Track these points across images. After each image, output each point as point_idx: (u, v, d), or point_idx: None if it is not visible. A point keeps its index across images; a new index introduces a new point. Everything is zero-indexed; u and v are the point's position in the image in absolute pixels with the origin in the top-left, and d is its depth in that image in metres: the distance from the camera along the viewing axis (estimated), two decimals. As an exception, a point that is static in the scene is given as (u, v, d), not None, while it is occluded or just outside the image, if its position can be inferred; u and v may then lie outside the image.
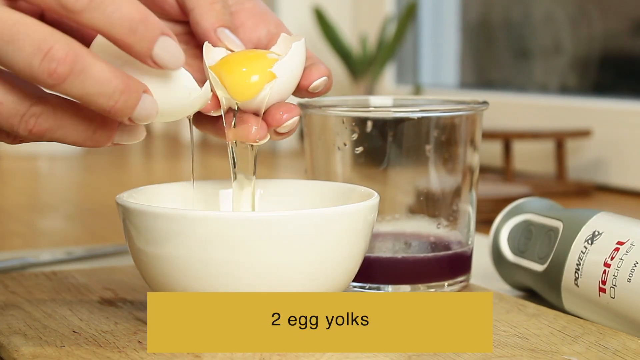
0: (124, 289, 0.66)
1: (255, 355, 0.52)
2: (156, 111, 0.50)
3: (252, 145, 0.58)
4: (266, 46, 0.59)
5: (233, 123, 0.58)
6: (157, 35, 0.49)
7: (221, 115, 0.57)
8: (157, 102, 0.51)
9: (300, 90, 0.59)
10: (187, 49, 0.59)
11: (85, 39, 0.52)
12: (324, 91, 0.60)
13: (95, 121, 0.50)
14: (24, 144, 0.52)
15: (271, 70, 0.56)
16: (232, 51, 0.57)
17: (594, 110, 1.37)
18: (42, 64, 0.47)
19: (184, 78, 0.52)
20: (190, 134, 0.59)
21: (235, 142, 0.58)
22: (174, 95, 0.52)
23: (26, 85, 0.49)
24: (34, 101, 0.49)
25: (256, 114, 0.57)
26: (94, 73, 0.47)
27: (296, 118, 0.58)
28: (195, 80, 0.53)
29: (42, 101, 0.49)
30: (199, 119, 0.59)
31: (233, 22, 0.59)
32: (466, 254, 0.67)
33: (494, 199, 1.04)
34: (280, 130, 0.58)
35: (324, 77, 0.59)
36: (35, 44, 0.47)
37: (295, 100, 0.66)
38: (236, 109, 0.57)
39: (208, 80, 0.55)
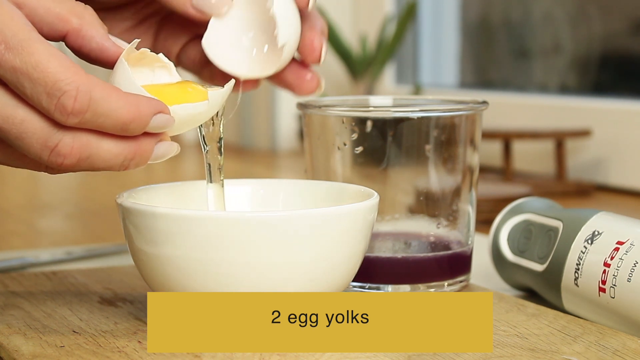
0: (124, 289, 0.66)
1: (255, 355, 0.52)
2: (174, 150, 0.52)
3: (220, 150, 0.59)
4: None
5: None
6: (148, 122, 0.51)
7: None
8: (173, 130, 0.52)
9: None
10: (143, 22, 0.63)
11: None
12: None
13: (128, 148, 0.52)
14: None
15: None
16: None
17: (594, 110, 1.37)
18: (50, 158, 0.50)
19: (191, 107, 0.53)
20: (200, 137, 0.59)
21: (206, 147, 0.58)
22: (187, 121, 0.54)
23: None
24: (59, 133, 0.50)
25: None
26: (101, 155, 0.50)
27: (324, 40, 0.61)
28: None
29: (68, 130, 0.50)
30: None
31: None
32: (466, 254, 0.66)
33: (493, 198, 1.04)
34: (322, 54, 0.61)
35: None
36: (42, 142, 0.49)
37: (296, 99, 0.67)
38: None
39: (226, 86, 0.55)
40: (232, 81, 0.56)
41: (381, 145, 0.64)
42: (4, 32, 0.48)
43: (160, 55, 0.55)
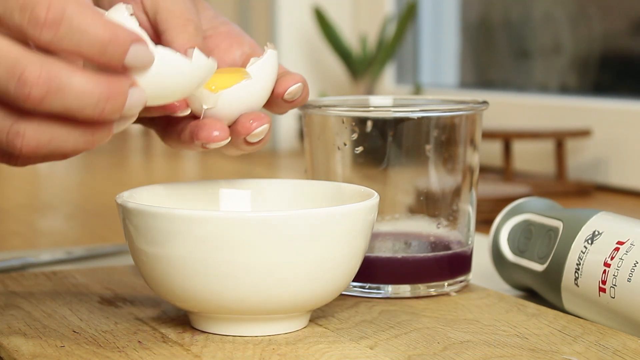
0: (124, 289, 0.66)
1: (255, 355, 0.53)
2: (145, 99, 0.49)
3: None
4: (241, 67, 0.59)
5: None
6: (127, 49, 0.48)
7: (185, 125, 0.57)
8: (151, 84, 0.50)
9: (275, 98, 0.58)
10: None
11: None
12: (299, 100, 0.59)
13: (89, 123, 0.49)
14: (29, 165, 0.50)
15: (246, 69, 0.57)
16: None
17: (594, 110, 1.37)
18: (17, 89, 0.46)
19: (173, 58, 0.51)
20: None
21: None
22: (167, 77, 0.51)
23: (8, 104, 0.47)
24: (15, 119, 0.47)
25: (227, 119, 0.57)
26: (72, 88, 0.47)
27: (266, 126, 0.57)
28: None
29: (25, 118, 0.47)
30: (166, 132, 0.59)
31: (207, 44, 0.59)
32: (466, 254, 0.66)
33: (493, 198, 1.04)
34: (250, 139, 0.57)
35: (299, 84, 0.59)
36: (8, 68, 0.46)
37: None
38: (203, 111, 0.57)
39: (210, 59, 0.53)
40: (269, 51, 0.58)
41: (381, 145, 0.64)
42: None
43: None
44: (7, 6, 0.46)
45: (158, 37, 0.58)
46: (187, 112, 0.56)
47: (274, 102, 0.59)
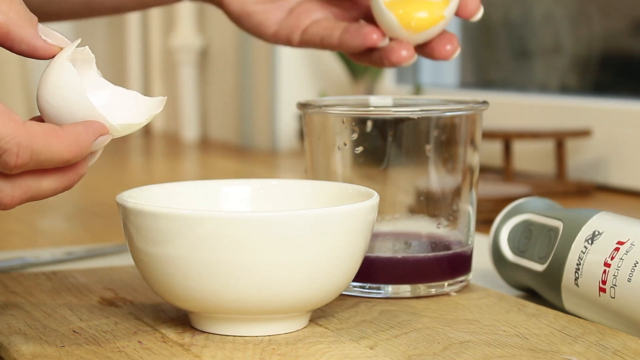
0: (124, 289, 0.66)
1: (255, 355, 0.52)
2: (107, 140, 0.52)
3: None
4: None
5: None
6: (87, 152, 0.51)
7: (377, 48, 0.68)
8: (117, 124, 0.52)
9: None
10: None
11: None
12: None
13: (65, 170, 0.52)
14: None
15: (442, 13, 0.66)
16: None
17: (594, 110, 1.37)
18: None
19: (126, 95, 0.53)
20: None
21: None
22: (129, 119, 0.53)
23: None
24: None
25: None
26: (41, 193, 0.51)
27: (458, 50, 0.68)
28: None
29: (8, 178, 0.50)
30: (357, 55, 0.70)
31: None
32: (466, 254, 0.66)
33: (493, 198, 1.04)
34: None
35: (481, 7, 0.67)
36: None
37: (296, 99, 0.67)
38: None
39: (155, 99, 0.54)
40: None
41: (381, 145, 0.64)
42: None
43: (86, 48, 0.54)
44: None
45: None
46: (386, 42, 0.68)
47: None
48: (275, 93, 1.90)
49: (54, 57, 0.52)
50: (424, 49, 0.68)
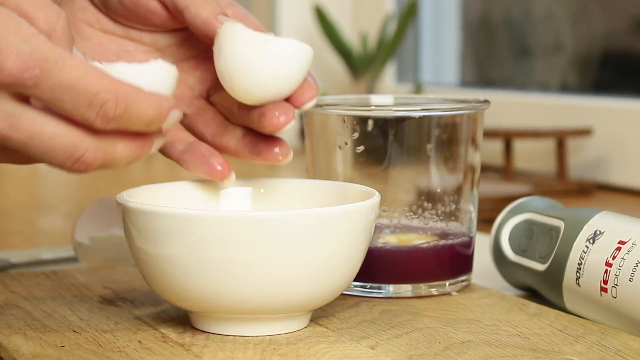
0: (124, 289, 0.66)
1: (255, 355, 0.52)
2: (179, 117, 0.53)
3: None
4: None
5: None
6: (165, 119, 0.52)
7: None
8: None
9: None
10: (178, 64, 0.62)
11: None
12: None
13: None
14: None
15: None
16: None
17: (595, 108, 1.37)
18: (74, 166, 0.51)
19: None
20: None
21: None
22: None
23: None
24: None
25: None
26: (116, 159, 0.52)
27: (293, 122, 0.58)
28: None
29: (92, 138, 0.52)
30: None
31: None
32: (467, 253, 0.66)
33: (495, 197, 1.04)
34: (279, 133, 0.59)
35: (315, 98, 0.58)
36: (68, 154, 0.51)
37: None
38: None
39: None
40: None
41: (382, 144, 0.64)
42: (34, 55, 0.49)
43: None
44: (76, 102, 0.50)
45: (177, 18, 0.60)
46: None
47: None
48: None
49: None
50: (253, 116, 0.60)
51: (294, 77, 0.56)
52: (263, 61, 0.55)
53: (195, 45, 0.62)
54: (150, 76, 0.54)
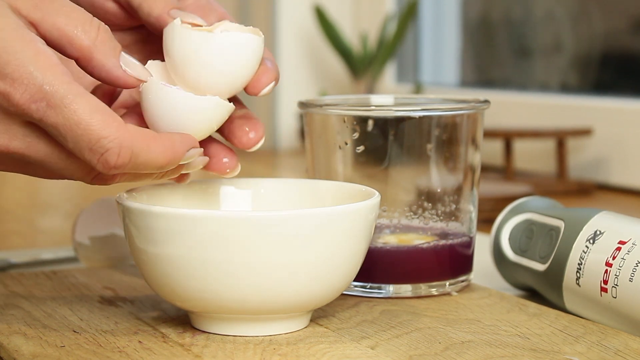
0: (124, 289, 0.66)
1: (255, 355, 0.52)
2: (203, 161, 0.54)
3: None
4: None
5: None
6: (180, 160, 0.53)
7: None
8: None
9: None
10: (140, 58, 0.60)
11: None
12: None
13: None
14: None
15: None
16: (195, 25, 0.56)
17: (595, 108, 1.37)
18: (93, 181, 0.52)
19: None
20: None
21: None
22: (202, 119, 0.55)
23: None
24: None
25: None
26: (142, 177, 0.53)
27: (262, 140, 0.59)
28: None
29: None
30: None
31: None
32: (467, 254, 0.66)
33: (494, 197, 1.04)
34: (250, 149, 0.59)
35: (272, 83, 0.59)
36: (86, 172, 0.52)
37: (297, 98, 0.66)
38: None
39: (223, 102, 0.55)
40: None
41: (382, 144, 0.64)
42: (44, 88, 0.49)
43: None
44: (77, 145, 0.50)
45: (132, 15, 0.59)
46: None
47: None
48: (275, 92, 1.90)
49: (130, 87, 0.54)
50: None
51: (243, 68, 0.56)
52: (203, 57, 0.55)
53: (160, 41, 0.62)
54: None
